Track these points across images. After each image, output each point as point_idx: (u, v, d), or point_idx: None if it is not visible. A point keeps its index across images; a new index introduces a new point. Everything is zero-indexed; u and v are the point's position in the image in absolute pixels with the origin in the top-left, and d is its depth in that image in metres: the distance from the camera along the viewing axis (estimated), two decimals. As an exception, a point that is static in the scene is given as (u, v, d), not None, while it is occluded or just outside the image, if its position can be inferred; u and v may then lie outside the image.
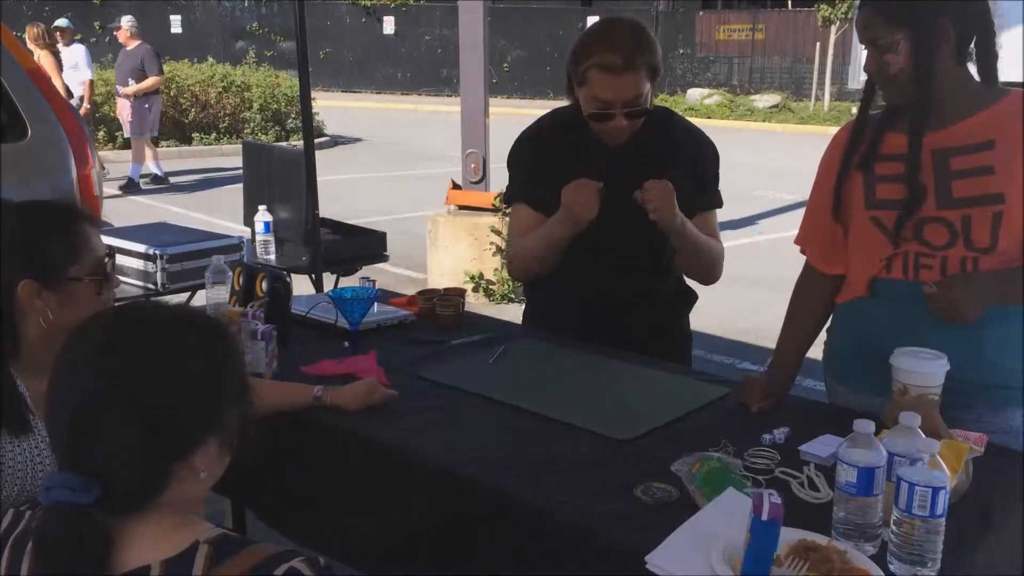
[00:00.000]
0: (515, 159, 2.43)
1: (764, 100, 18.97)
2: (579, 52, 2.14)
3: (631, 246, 2.32)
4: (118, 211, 8.11)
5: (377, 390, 1.97)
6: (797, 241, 2.08)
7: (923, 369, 1.67)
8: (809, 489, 1.57)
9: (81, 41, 10.60)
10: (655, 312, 2.42)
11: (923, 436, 1.41)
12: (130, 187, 9.98)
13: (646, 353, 2.30)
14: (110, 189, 9.19)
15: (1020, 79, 13.43)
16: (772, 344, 2.10)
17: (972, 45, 1.78)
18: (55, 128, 4.27)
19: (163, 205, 9.31)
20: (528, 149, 2.41)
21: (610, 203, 2.27)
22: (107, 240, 2.29)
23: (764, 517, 1.24)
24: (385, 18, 24.75)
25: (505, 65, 22.82)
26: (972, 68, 1.80)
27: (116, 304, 1.78)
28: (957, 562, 1.37)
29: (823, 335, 2.08)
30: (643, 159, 2.25)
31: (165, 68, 14.19)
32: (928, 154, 1.78)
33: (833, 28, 17.59)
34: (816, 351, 2.09)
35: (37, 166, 4.17)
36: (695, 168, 2.31)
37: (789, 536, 1.32)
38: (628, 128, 2.18)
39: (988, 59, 1.79)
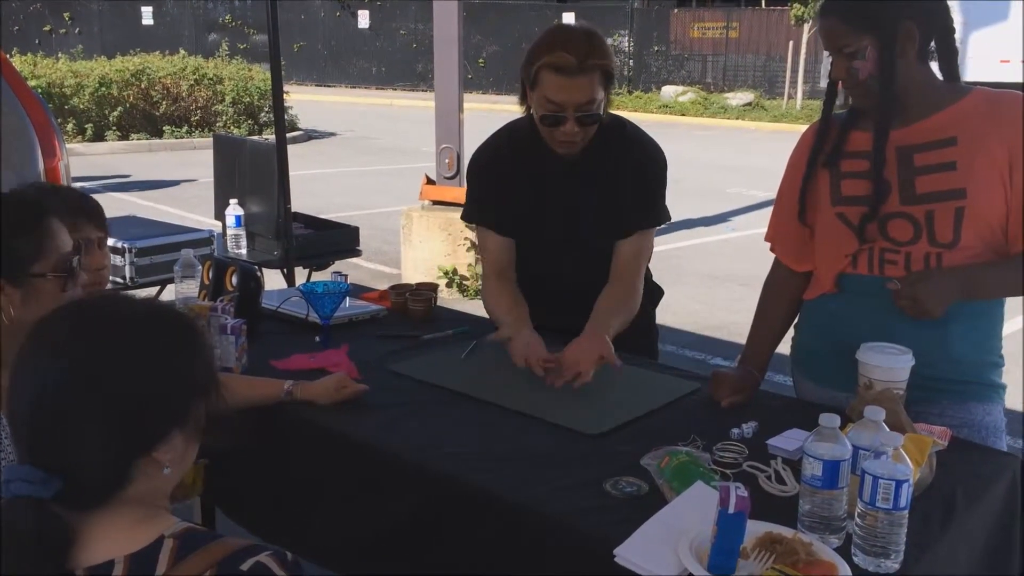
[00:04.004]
0: (473, 177, 2.39)
1: (737, 98, 19.09)
2: (532, 54, 2.08)
3: (592, 257, 2.31)
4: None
5: (348, 385, 1.96)
6: (766, 239, 2.10)
7: (888, 364, 1.69)
8: (776, 482, 1.59)
9: None
10: None
11: (887, 430, 1.43)
12: None
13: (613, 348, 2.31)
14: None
15: (1020, 79, 13.65)
16: (744, 340, 2.12)
17: (933, 44, 1.80)
18: (22, 120, 4.21)
19: (132, 199, 9.22)
20: (485, 168, 2.35)
21: (566, 215, 2.28)
22: (74, 233, 2.25)
23: (731, 510, 1.25)
24: (359, 12, 24.62)
25: (480, 60, 22.80)
26: (933, 66, 1.83)
27: (81, 297, 1.76)
28: (920, 554, 1.39)
29: (791, 330, 2.10)
30: (597, 171, 2.23)
31: (136, 59, 14.11)
32: (892, 151, 1.80)
33: (806, 27, 17.74)
34: (784, 347, 2.11)
35: (3, 158, 4.11)
36: (644, 181, 2.26)
37: (755, 529, 1.34)
38: (579, 135, 2.12)
39: (949, 57, 1.82)
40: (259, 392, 1.95)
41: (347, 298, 2.45)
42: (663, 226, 2.38)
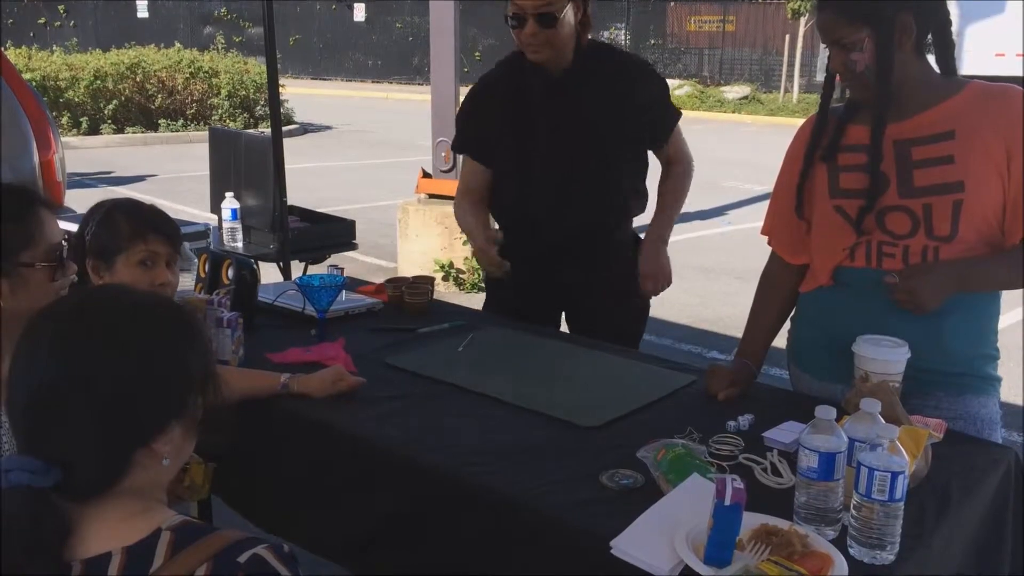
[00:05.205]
0: (462, 110, 2.58)
1: (734, 92, 19.08)
2: None
3: (581, 179, 2.44)
4: (82, 197, 8.00)
5: (344, 377, 1.96)
6: (763, 232, 2.10)
7: (884, 357, 1.70)
8: (772, 475, 1.59)
9: None
10: (613, 263, 2.53)
11: (883, 422, 1.43)
12: None
13: (603, 309, 2.49)
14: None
15: (1016, 73, 13.69)
16: (740, 333, 2.12)
17: (929, 37, 1.81)
18: (16, 112, 4.20)
19: (129, 192, 9.19)
20: (473, 99, 2.55)
21: (556, 135, 2.41)
22: (70, 226, 2.25)
23: (727, 502, 1.26)
24: (356, 5, 24.57)
25: (476, 54, 22.74)
26: (930, 59, 1.83)
27: (80, 289, 1.76)
28: (915, 546, 1.39)
29: (787, 324, 2.11)
30: (586, 88, 2.41)
31: (131, 53, 14.06)
32: (890, 144, 1.80)
33: (802, 20, 17.73)
34: (781, 340, 2.11)
35: (-1, 151, 4.10)
36: (651, 97, 2.49)
37: (751, 521, 1.34)
38: (541, 37, 2.29)
39: (946, 51, 1.82)
40: (255, 384, 1.95)
41: (343, 291, 2.45)
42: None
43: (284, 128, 4.73)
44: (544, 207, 2.47)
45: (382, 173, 10.72)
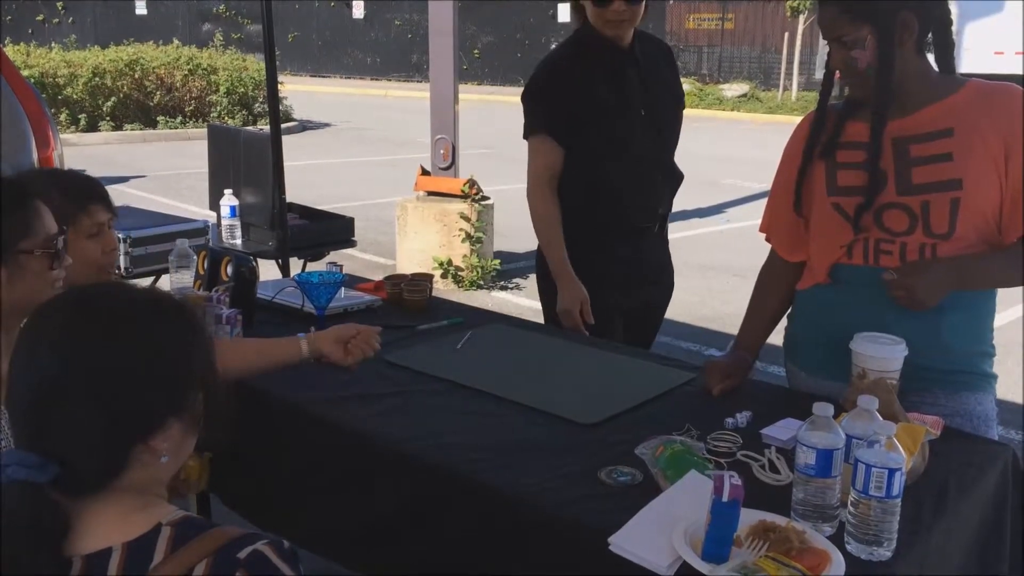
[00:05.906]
0: (534, 88, 2.58)
1: (733, 89, 19.08)
2: None
3: (668, 151, 2.60)
4: (81, 195, 7.97)
5: (354, 327, 1.93)
6: (761, 229, 2.11)
7: (881, 354, 1.70)
8: (770, 471, 1.60)
9: None
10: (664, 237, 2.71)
11: (880, 419, 1.44)
12: None
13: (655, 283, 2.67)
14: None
15: (1015, 71, 13.73)
16: (738, 331, 2.12)
17: (929, 36, 1.81)
18: (15, 109, 4.19)
19: (127, 189, 9.19)
20: (546, 77, 2.57)
21: (636, 98, 2.53)
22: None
23: (725, 498, 1.26)
24: (354, 2, 24.54)
25: (475, 51, 22.74)
26: (930, 57, 1.84)
27: (79, 287, 1.75)
28: (912, 542, 1.40)
29: (784, 321, 2.11)
30: (648, 58, 2.57)
31: (129, 50, 14.05)
32: (888, 142, 1.81)
33: (801, 18, 17.72)
34: (778, 337, 2.12)
35: (-2, 148, 4.09)
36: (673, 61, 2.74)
37: (749, 517, 1.35)
38: (626, 13, 2.43)
39: (945, 49, 1.82)
40: (272, 355, 1.89)
41: (342, 288, 2.45)
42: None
43: (283, 125, 4.73)
44: (636, 181, 2.56)
45: (381, 170, 10.71)
